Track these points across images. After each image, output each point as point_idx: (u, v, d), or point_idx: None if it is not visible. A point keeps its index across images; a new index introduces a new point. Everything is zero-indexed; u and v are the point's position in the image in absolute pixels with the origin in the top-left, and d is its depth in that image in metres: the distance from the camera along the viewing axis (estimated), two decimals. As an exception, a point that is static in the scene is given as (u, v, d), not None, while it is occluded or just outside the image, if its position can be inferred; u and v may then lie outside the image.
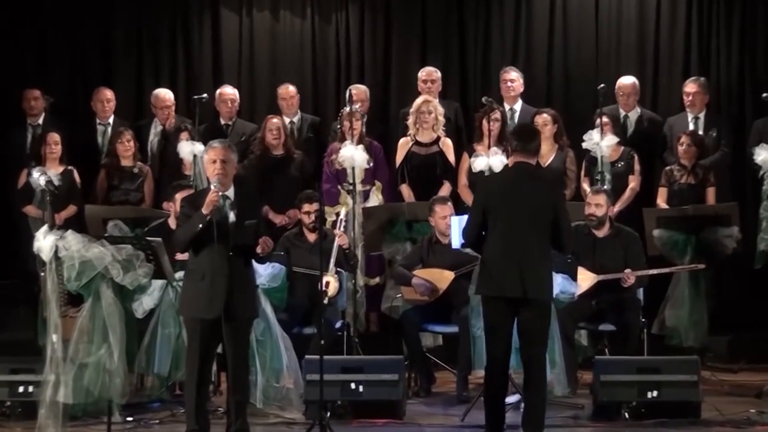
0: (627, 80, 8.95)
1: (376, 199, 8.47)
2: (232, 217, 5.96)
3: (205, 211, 5.86)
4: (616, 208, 8.16)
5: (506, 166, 6.10)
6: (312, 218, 7.74)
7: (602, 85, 8.53)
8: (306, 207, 7.78)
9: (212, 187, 5.92)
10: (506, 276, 5.88)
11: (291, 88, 9.15)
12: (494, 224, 5.94)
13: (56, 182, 8.19)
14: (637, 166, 8.50)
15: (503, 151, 8.04)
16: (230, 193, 6.02)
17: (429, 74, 9.02)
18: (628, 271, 7.40)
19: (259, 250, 5.90)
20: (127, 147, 8.63)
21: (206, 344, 5.98)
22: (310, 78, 9.84)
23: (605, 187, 8.09)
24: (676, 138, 8.52)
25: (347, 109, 8.38)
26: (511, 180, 6.02)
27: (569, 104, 9.58)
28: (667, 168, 8.51)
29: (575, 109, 9.44)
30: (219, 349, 6.16)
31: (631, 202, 8.45)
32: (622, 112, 8.91)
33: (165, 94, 9.13)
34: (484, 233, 6.00)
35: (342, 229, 7.85)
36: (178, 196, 7.34)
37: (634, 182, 8.50)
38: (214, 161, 5.97)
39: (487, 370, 6.04)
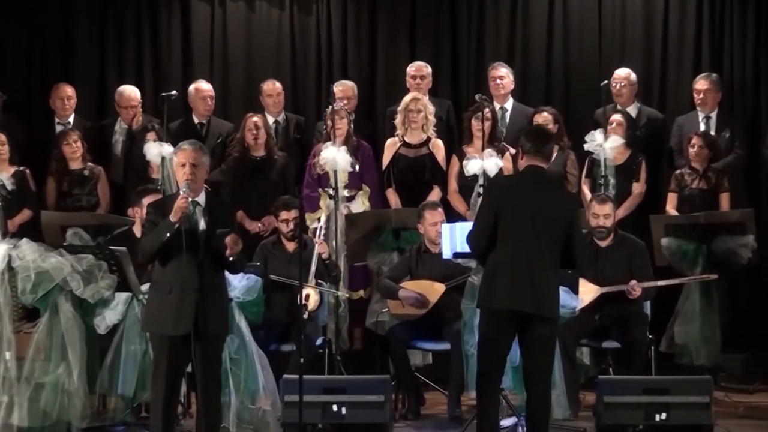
0: (621, 72, 8.94)
1: (361, 206, 8.47)
2: (202, 224, 5.95)
3: (173, 218, 5.85)
4: (620, 214, 8.16)
5: (522, 170, 6.09)
6: (290, 227, 7.74)
7: (605, 82, 8.57)
8: (283, 215, 7.78)
9: (181, 192, 5.91)
10: (518, 289, 5.88)
11: (277, 85, 9.15)
12: (506, 231, 5.93)
13: (8, 186, 8.17)
14: (642, 173, 8.53)
15: (498, 153, 8.06)
16: (201, 198, 6.01)
17: (418, 69, 9.03)
18: (633, 282, 7.40)
19: (227, 251, 5.86)
20: (74, 148, 8.60)
21: (174, 363, 5.96)
22: (289, 74, 9.83)
23: (609, 193, 8.10)
24: (687, 139, 8.55)
25: (331, 107, 8.37)
26: (527, 185, 6.02)
27: (569, 103, 9.59)
28: (677, 172, 8.54)
29: (576, 108, 9.47)
30: (189, 368, 6.15)
31: (636, 209, 8.48)
32: (619, 107, 8.89)
33: (131, 92, 9.13)
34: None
35: (322, 237, 7.85)
36: (145, 202, 7.33)
37: (639, 189, 8.53)
38: (183, 164, 5.96)
39: (479, 388, 6.03)
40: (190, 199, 5.90)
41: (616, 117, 8.46)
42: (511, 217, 5.92)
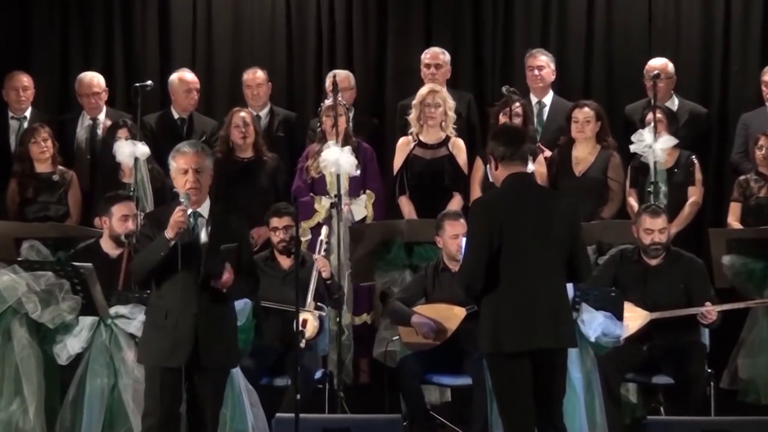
0: (656, 62, 8.93)
1: (363, 211, 8.47)
2: (203, 238, 5.98)
3: (169, 234, 5.86)
4: (674, 228, 8.16)
5: (504, 181, 6.04)
6: (281, 236, 7.73)
7: (656, 72, 8.54)
8: (274, 222, 7.78)
9: (181, 202, 5.92)
10: (533, 322, 5.87)
11: (259, 74, 9.18)
12: (507, 259, 5.89)
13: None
14: (698, 175, 8.52)
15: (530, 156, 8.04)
16: (204, 209, 6.05)
17: (434, 57, 9.04)
18: (708, 305, 7.36)
19: (220, 283, 5.89)
20: (42, 148, 8.60)
21: (168, 401, 5.94)
22: (284, 63, 9.88)
23: (660, 202, 8.08)
24: (753, 140, 8.53)
25: (329, 101, 8.37)
26: (520, 199, 5.98)
27: (613, 97, 9.61)
28: (741, 178, 8.53)
29: (620, 104, 9.45)
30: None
31: (692, 221, 8.46)
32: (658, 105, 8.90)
33: (92, 77, 9.15)
34: None
35: (323, 253, 7.83)
36: (115, 211, 7.34)
37: (695, 195, 8.51)
38: (185, 171, 5.98)
39: None
40: (189, 211, 5.92)
41: (657, 114, 8.42)
42: (511, 242, 5.88)
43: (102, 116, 9.11)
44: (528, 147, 6.19)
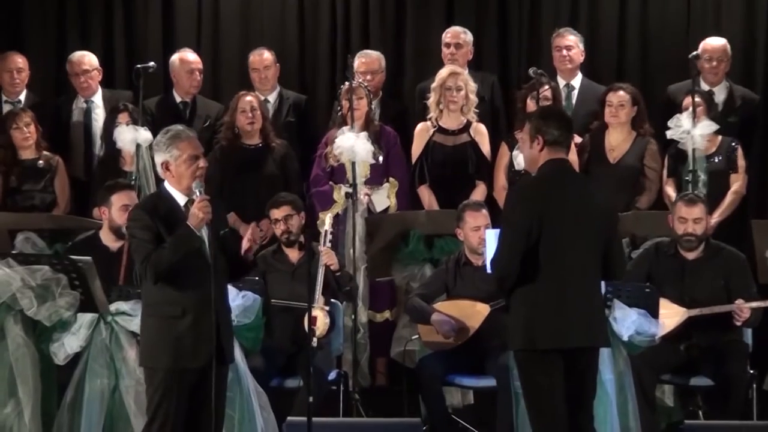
0: (716, 42, 8.94)
1: (386, 200, 8.49)
2: (204, 229, 5.99)
3: (195, 223, 5.87)
4: (714, 219, 8.16)
5: (542, 166, 6.04)
6: (282, 227, 7.78)
7: (695, 53, 8.54)
8: (274, 213, 7.83)
9: (197, 192, 5.93)
10: (569, 320, 5.87)
11: (266, 55, 9.19)
12: (544, 250, 5.88)
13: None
14: (741, 162, 8.53)
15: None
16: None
17: (454, 36, 9.06)
18: (740, 302, 7.37)
19: (245, 244, 5.93)
20: (25, 133, 8.63)
21: (184, 405, 5.94)
22: (296, 44, 9.89)
23: (699, 192, 8.08)
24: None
25: (348, 84, 8.39)
26: (559, 187, 5.97)
27: (648, 80, 9.59)
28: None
29: (655, 87, 9.45)
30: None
31: (733, 211, 8.47)
32: (705, 87, 8.89)
33: (82, 55, 9.17)
34: None
35: (328, 244, 7.85)
36: (115, 200, 7.36)
37: (737, 183, 8.52)
38: (196, 157, 5.99)
39: None
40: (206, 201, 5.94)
41: (696, 98, 8.41)
42: (550, 233, 5.87)
43: (98, 98, 9.15)
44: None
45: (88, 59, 9.14)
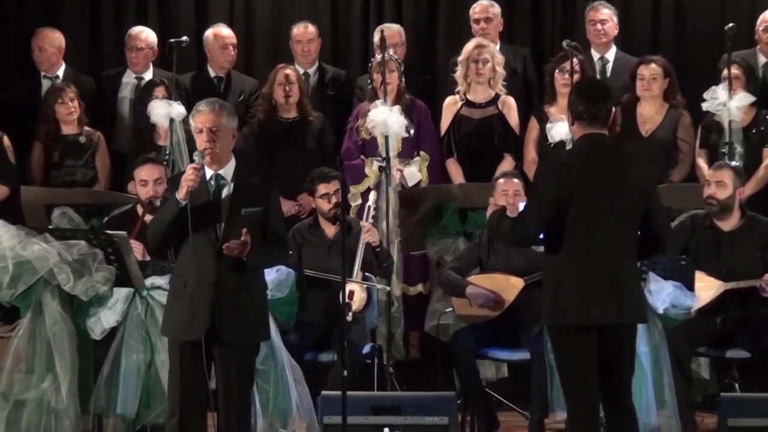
0: None
1: (418, 174, 8.46)
2: (224, 202, 5.99)
3: (180, 194, 5.91)
4: (748, 190, 8.09)
5: (577, 141, 6.01)
6: (333, 202, 7.72)
7: (731, 25, 8.45)
8: (322, 188, 7.77)
9: (194, 160, 5.96)
10: (599, 295, 5.87)
11: (311, 28, 9.21)
12: (574, 225, 5.88)
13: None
14: (775, 135, 8.48)
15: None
16: (227, 171, 6.06)
17: (483, 10, 9.04)
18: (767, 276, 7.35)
19: (231, 243, 5.88)
20: (69, 108, 8.64)
21: (190, 376, 6.00)
22: (328, 16, 9.87)
23: (735, 163, 8.02)
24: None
25: (378, 56, 8.36)
26: (592, 163, 5.94)
27: (682, 51, 9.56)
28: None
29: (691, 58, 9.43)
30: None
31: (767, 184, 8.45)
32: (762, 60, 8.82)
33: (140, 31, 9.20)
34: (542, 236, 5.97)
35: (371, 219, 7.84)
36: (139, 175, 7.37)
37: (772, 156, 8.48)
38: (201, 130, 6.01)
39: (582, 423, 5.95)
40: (210, 173, 5.96)
41: (733, 70, 8.34)
42: (581, 209, 5.86)
43: (148, 76, 9.14)
44: (611, 106, 6.05)
45: (145, 36, 9.19)
